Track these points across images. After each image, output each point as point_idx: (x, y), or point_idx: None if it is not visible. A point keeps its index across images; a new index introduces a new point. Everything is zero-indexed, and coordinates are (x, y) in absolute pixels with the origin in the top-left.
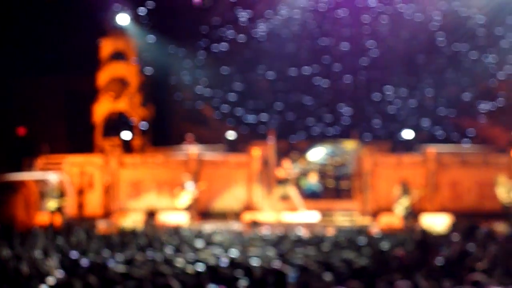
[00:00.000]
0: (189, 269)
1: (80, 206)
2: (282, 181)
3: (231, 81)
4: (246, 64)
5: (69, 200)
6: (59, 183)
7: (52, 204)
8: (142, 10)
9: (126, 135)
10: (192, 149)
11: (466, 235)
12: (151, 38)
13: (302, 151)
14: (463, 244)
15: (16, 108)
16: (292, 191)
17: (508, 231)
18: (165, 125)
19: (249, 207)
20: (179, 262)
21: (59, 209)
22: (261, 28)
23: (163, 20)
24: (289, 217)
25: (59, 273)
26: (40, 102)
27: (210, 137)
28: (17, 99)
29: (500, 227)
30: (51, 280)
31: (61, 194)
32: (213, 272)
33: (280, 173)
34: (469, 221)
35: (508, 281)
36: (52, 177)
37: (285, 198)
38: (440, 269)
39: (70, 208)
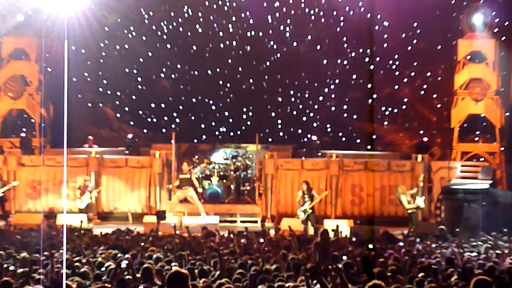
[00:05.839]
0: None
1: None
2: (182, 184)
3: (133, 82)
4: (149, 65)
5: None
6: None
7: None
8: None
9: (25, 135)
10: (93, 151)
11: (366, 241)
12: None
13: (205, 154)
14: (362, 250)
15: None
16: (192, 193)
17: (407, 237)
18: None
19: (150, 209)
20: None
21: None
22: (164, 28)
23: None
24: (189, 220)
25: None
26: None
27: (111, 138)
28: None
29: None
30: None
31: None
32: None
33: (180, 175)
34: (369, 227)
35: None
36: None
37: (185, 201)
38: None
39: None
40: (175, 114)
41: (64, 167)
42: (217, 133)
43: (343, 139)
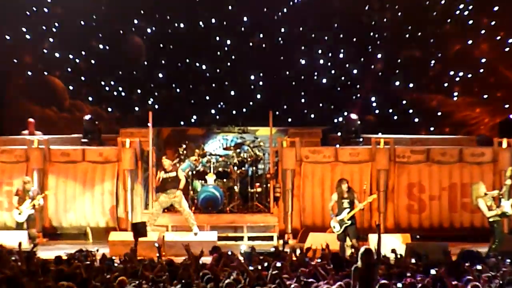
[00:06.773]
0: None
1: None
2: (166, 186)
3: (91, 39)
4: (114, 15)
5: None
6: None
7: None
8: None
9: None
10: (35, 140)
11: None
12: None
13: (196, 142)
14: (425, 276)
15: None
16: (181, 199)
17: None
18: None
19: (118, 223)
20: None
21: None
22: None
23: None
24: (174, 237)
25: None
26: None
27: (61, 120)
28: None
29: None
30: None
31: None
32: None
33: (163, 174)
34: (434, 244)
35: None
36: None
37: (168, 209)
38: None
39: None
40: (152, 85)
41: None
42: (213, 111)
43: (395, 117)
